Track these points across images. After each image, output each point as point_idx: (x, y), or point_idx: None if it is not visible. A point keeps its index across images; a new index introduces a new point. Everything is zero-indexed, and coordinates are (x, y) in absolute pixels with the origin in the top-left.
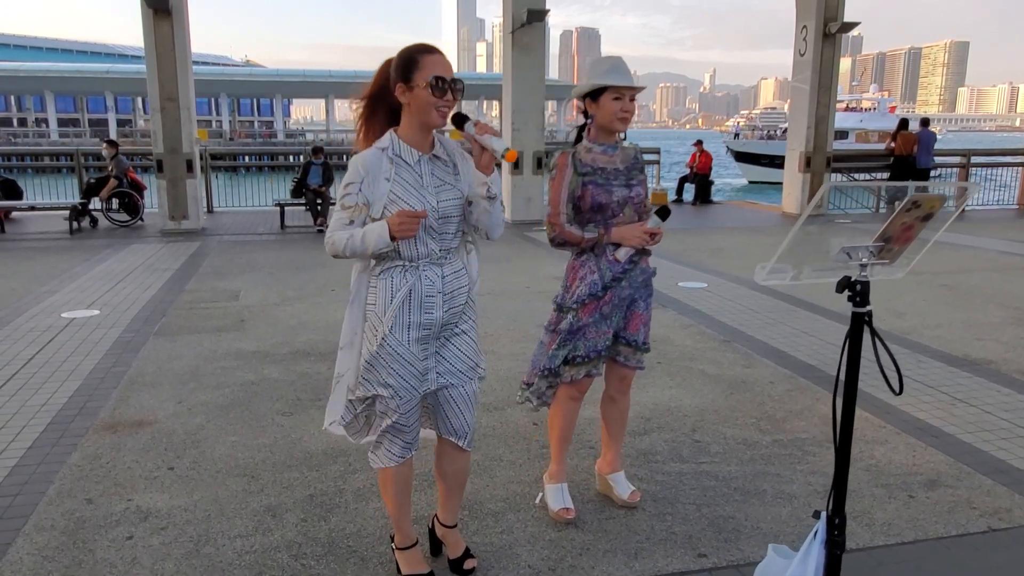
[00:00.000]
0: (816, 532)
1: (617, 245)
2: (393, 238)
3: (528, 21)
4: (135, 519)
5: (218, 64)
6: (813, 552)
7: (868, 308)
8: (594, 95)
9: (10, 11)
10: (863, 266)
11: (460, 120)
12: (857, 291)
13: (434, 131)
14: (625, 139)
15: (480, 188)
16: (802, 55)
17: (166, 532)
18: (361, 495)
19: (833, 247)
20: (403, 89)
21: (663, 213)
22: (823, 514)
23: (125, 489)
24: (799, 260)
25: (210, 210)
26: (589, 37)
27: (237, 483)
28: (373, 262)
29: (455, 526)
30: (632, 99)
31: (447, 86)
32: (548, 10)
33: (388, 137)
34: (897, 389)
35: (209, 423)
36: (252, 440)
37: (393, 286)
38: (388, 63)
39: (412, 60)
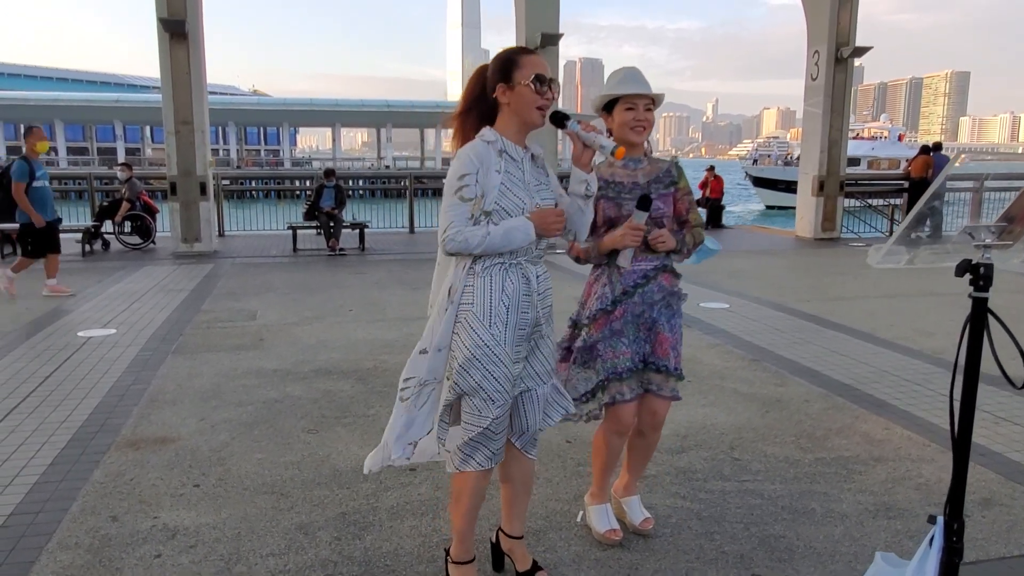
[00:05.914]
0: (932, 538)
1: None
2: (539, 235)
3: (542, 45)
4: (162, 537)
5: (226, 94)
6: (930, 559)
7: (988, 294)
8: (609, 108)
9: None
10: (986, 247)
11: (560, 119)
12: (980, 274)
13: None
14: (651, 152)
15: (579, 186)
16: (814, 79)
17: (195, 550)
18: (395, 513)
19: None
20: (504, 89)
21: (643, 203)
22: (940, 519)
23: (151, 506)
24: (915, 243)
25: (221, 234)
26: (592, 67)
27: (266, 500)
28: (471, 260)
29: (521, 537)
30: (648, 108)
31: (547, 84)
32: (562, 34)
33: (491, 132)
34: (1020, 383)
35: (234, 440)
36: (279, 457)
37: (494, 284)
38: (483, 69)
39: (512, 61)
